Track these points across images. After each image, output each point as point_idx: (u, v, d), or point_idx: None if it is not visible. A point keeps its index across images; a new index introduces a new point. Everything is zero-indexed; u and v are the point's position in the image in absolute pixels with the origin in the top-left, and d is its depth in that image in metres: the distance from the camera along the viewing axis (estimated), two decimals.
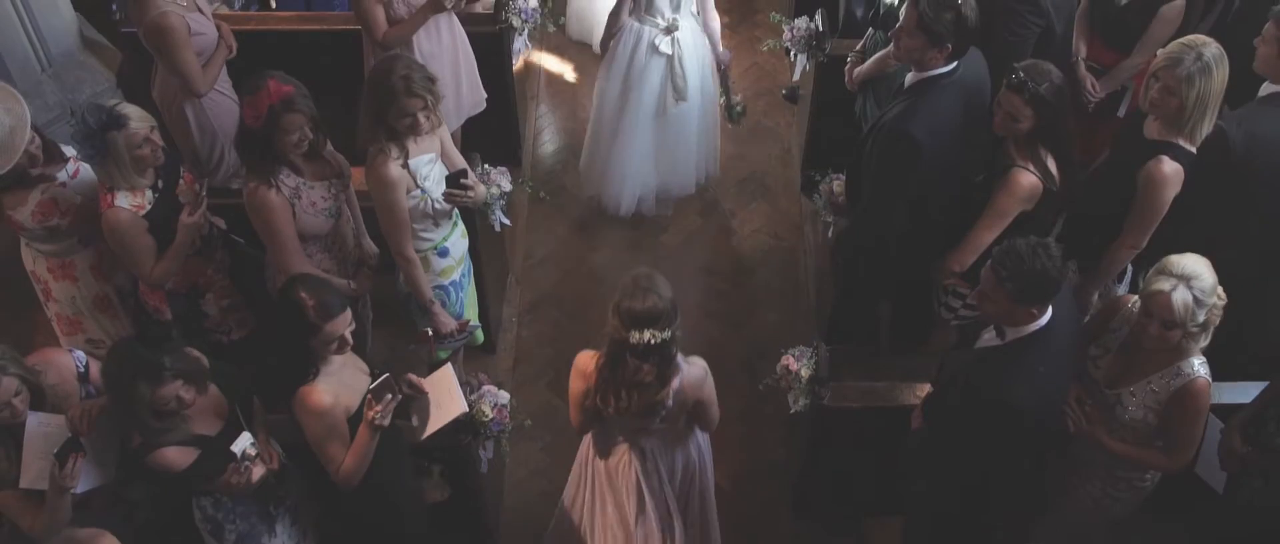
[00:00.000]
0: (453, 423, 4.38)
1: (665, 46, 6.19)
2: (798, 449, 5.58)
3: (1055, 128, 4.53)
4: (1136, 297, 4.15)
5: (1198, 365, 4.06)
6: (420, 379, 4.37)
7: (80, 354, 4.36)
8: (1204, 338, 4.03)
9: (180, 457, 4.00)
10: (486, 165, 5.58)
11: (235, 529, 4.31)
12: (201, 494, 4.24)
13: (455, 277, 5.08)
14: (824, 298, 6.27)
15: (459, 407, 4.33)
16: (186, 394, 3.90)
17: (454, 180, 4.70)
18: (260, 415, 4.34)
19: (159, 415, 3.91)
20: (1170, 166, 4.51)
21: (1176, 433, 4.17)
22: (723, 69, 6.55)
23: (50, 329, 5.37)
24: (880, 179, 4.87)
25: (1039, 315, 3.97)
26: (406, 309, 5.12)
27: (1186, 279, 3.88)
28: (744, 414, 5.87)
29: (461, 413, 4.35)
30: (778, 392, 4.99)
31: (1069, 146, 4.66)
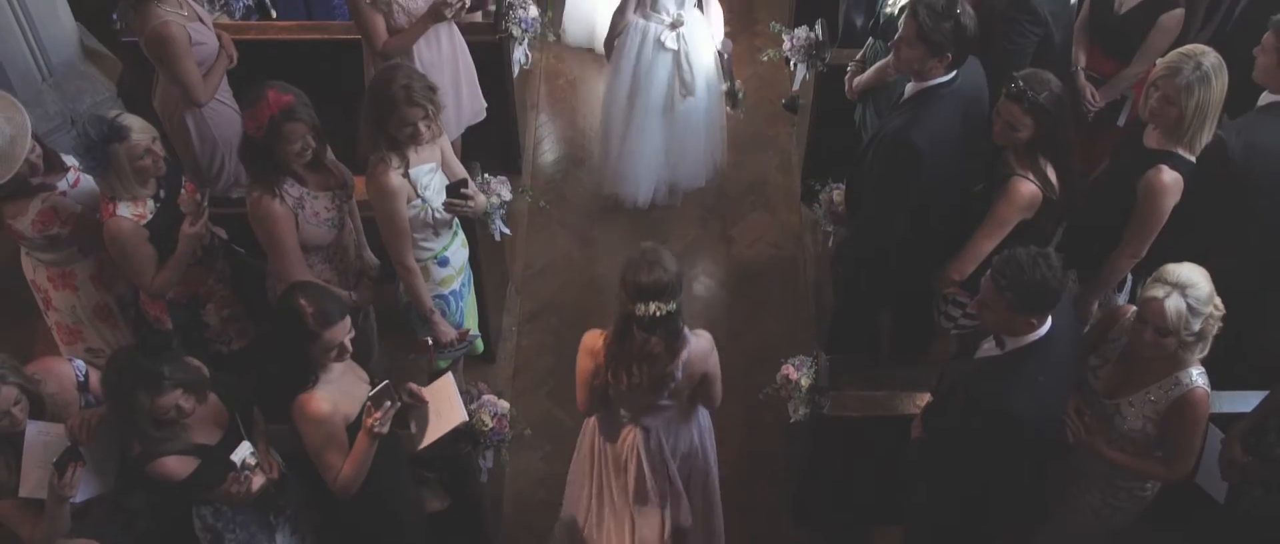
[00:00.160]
0: (452, 432, 4.38)
1: (671, 42, 6.24)
2: (798, 458, 5.58)
3: (1055, 136, 4.54)
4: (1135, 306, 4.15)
5: (1196, 375, 4.06)
6: (420, 388, 4.37)
7: (80, 363, 4.36)
8: (1202, 348, 4.02)
9: (180, 466, 4.00)
10: (486, 174, 5.58)
11: (235, 538, 4.31)
12: (201, 503, 4.24)
13: (455, 286, 5.08)
14: (824, 307, 6.27)
15: (459, 416, 4.33)
16: (186, 403, 3.90)
17: (454, 190, 4.70)
18: (260, 425, 4.34)
19: (159, 425, 3.91)
20: (1170, 176, 4.51)
21: (1175, 443, 4.16)
22: (725, 57, 6.59)
23: (50, 338, 5.38)
24: (882, 189, 4.87)
25: (1038, 325, 3.97)
26: (407, 318, 5.11)
27: (1181, 287, 3.88)
28: (744, 423, 5.86)
29: (461, 422, 4.35)
30: (778, 401, 4.99)
31: (1068, 155, 4.67)
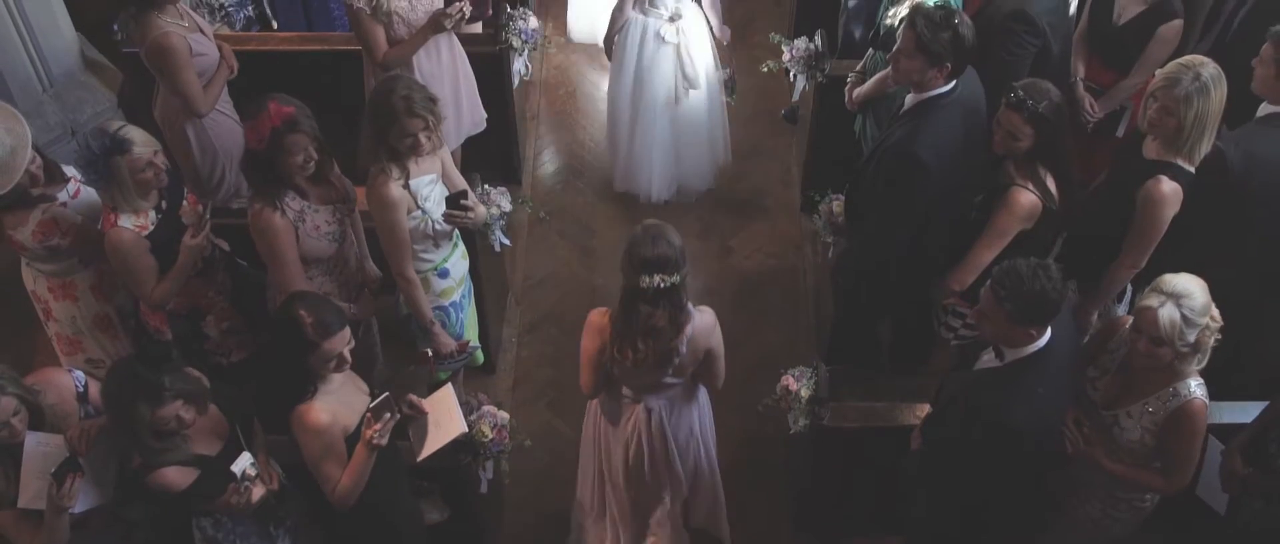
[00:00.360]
0: (452, 443, 4.38)
1: (671, 35, 6.30)
2: (797, 469, 5.57)
3: (1054, 146, 4.55)
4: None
5: (1194, 387, 4.05)
6: (420, 399, 4.37)
7: (79, 374, 4.36)
8: (1200, 359, 4.01)
9: (180, 477, 4.00)
10: (486, 185, 5.59)
11: None
12: (201, 514, 4.23)
13: (455, 297, 5.08)
14: (824, 318, 6.27)
15: (458, 427, 4.33)
16: (187, 414, 3.89)
17: (454, 201, 4.70)
18: (260, 436, 4.34)
19: (159, 435, 3.91)
20: (1169, 186, 4.52)
21: (1173, 454, 4.16)
22: (723, 46, 6.68)
23: (50, 348, 5.38)
24: (887, 202, 4.87)
25: (1037, 336, 3.97)
26: (407, 330, 5.11)
27: (1177, 297, 3.87)
28: (744, 433, 5.86)
29: (461, 433, 4.35)
30: (778, 412, 4.99)
31: (1068, 165, 4.67)
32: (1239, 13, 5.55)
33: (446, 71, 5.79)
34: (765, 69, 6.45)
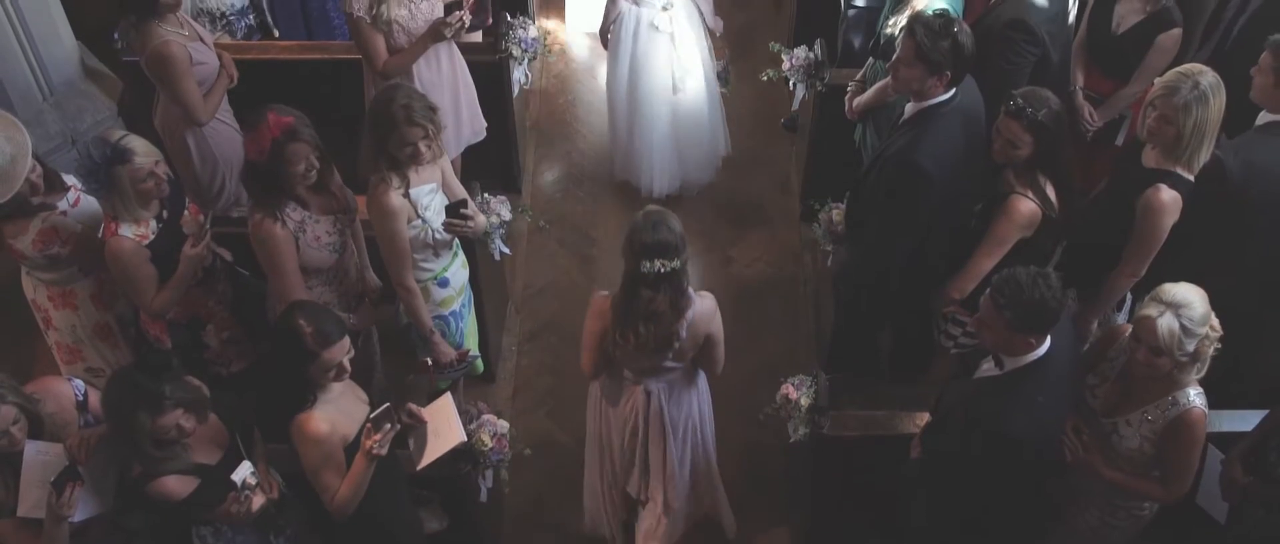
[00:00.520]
0: (451, 452, 4.37)
1: (663, 25, 6.43)
2: (797, 478, 5.57)
3: (1054, 154, 4.55)
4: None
5: (1194, 396, 4.05)
6: (419, 408, 4.37)
7: (79, 383, 4.36)
8: (1199, 369, 4.01)
9: (180, 486, 3.99)
10: (486, 194, 5.59)
11: None
12: (201, 523, 4.23)
13: (455, 306, 5.08)
14: (824, 327, 6.27)
15: (458, 436, 4.32)
16: (187, 423, 3.89)
17: (454, 210, 4.70)
18: (260, 445, 4.33)
19: (159, 444, 3.91)
20: (1168, 195, 4.52)
21: (1172, 463, 4.15)
22: (717, 36, 6.81)
23: (50, 357, 5.37)
24: (889, 211, 4.87)
25: (1037, 345, 3.97)
26: (407, 339, 5.11)
27: (1176, 307, 3.87)
28: (744, 442, 5.85)
29: (460, 442, 4.34)
30: (778, 420, 4.99)
31: (1068, 173, 4.68)
32: (1238, 21, 5.55)
33: (446, 80, 5.79)
34: (765, 78, 6.46)
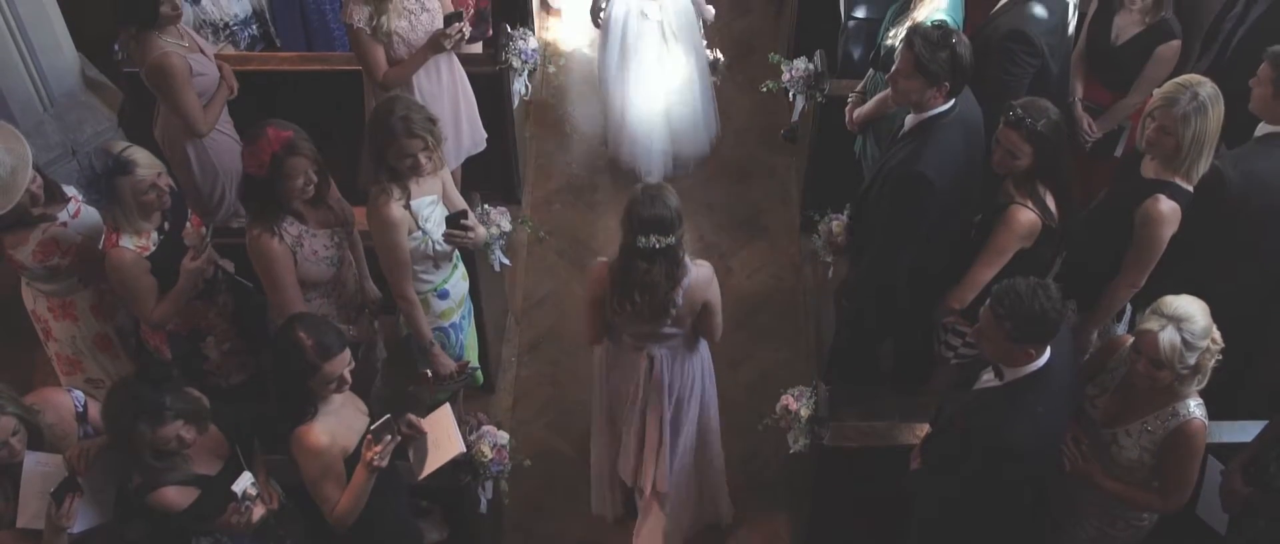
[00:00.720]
0: (452, 463, 4.37)
1: (653, 12, 6.57)
2: (797, 489, 5.56)
3: (1054, 164, 4.56)
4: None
5: (1193, 407, 4.05)
6: (418, 419, 4.37)
7: (78, 394, 4.36)
8: (1200, 380, 4.01)
9: (180, 496, 3.99)
10: (486, 205, 5.59)
11: None
12: (201, 534, 4.22)
13: (455, 318, 5.07)
14: (823, 338, 6.27)
15: (457, 446, 4.32)
16: (187, 434, 3.89)
17: (454, 221, 4.70)
18: (260, 456, 4.33)
19: (160, 455, 3.91)
20: (1167, 205, 4.52)
21: (1171, 474, 4.15)
22: (706, 24, 6.94)
23: (50, 368, 5.37)
24: (893, 223, 4.87)
25: (1037, 356, 3.97)
26: (406, 350, 5.11)
27: (1178, 321, 3.86)
28: (744, 453, 5.85)
29: (459, 453, 4.34)
30: (777, 431, 4.98)
31: (1068, 183, 4.68)
32: (1237, 33, 5.55)
33: (446, 91, 5.80)
34: (765, 89, 6.46)
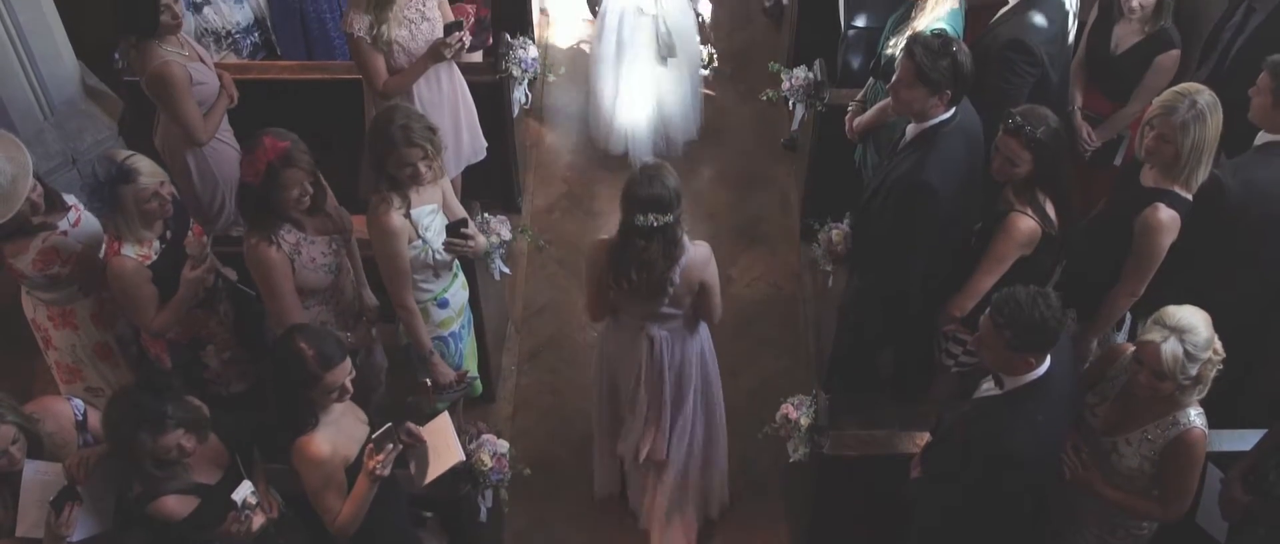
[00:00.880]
0: (452, 472, 4.37)
1: (649, 7, 6.67)
2: (796, 498, 5.56)
3: (1053, 172, 4.56)
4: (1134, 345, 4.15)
5: (1194, 415, 4.04)
6: (418, 427, 4.37)
7: (78, 402, 4.35)
8: (1201, 390, 4.00)
9: (180, 505, 3.98)
10: (486, 214, 5.59)
11: None
12: (201, 543, 4.22)
13: (455, 328, 5.07)
14: (823, 346, 6.27)
15: (456, 455, 4.32)
16: (188, 443, 3.89)
17: (454, 230, 4.71)
18: (260, 465, 4.33)
19: (160, 464, 3.90)
20: (1167, 214, 4.53)
21: (1171, 482, 4.14)
22: (701, 21, 7.06)
23: (50, 377, 5.37)
24: (899, 233, 4.86)
25: (1037, 365, 3.97)
26: (406, 359, 5.10)
27: (1180, 332, 3.85)
28: (743, 461, 5.84)
29: (459, 462, 4.34)
30: (777, 439, 4.98)
31: (1068, 191, 4.68)
32: (1236, 42, 5.56)
33: (446, 100, 5.80)
34: (765, 98, 6.47)
